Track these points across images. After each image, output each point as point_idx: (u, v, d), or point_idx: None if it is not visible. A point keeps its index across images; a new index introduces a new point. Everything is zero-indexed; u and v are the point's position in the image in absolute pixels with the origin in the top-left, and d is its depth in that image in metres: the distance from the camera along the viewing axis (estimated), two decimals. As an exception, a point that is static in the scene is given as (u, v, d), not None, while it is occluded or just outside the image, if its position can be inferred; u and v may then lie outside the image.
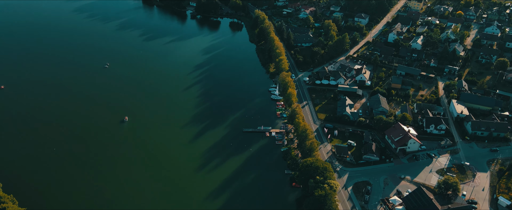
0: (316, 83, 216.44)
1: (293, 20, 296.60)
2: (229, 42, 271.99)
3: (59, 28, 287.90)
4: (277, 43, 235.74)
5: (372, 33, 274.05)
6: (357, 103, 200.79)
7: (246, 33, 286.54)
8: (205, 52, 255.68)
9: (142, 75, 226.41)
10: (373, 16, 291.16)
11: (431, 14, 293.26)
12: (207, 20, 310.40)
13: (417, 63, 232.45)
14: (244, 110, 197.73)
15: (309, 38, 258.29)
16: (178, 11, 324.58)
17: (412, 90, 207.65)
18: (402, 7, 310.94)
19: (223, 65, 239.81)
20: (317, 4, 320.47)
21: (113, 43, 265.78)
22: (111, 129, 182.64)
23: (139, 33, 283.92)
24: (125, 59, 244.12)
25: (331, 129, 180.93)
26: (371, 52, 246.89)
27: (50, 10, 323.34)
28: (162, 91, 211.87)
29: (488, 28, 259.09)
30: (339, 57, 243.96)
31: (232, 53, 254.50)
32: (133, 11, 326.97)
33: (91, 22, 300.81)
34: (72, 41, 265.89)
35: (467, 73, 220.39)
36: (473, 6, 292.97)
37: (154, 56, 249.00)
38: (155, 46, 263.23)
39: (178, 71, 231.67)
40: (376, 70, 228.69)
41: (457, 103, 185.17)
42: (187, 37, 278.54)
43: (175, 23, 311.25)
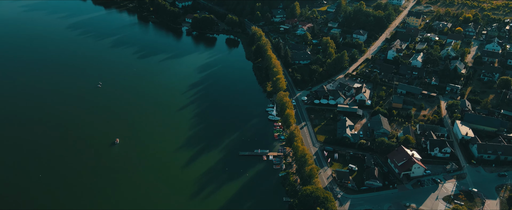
0: (314, 103, 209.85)
1: (291, 37, 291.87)
2: (225, 60, 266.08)
3: (51, 45, 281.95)
4: (274, 61, 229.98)
5: (371, 50, 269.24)
6: (358, 124, 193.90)
7: (243, 50, 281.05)
8: (200, 70, 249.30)
9: (135, 95, 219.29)
10: (372, 32, 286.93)
11: (430, 31, 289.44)
12: (203, 37, 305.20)
13: (417, 81, 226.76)
14: (241, 132, 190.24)
15: (307, 56, 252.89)
16: (174, 28, 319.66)
17: (414, 110, 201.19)
18: (400, 23, 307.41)
19: (219, 83, 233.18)
20: (315, 20, 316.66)
21: (107, 61, 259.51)
22: (101, 152, 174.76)
23: (134, 50, 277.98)
24: (119, 78, 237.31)
25: (331, 153, 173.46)
26: (371, 69, 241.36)
27: (42, 27, 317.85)
28: (155, 112, 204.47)
29: (488, 45, 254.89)
30: (338, 75, 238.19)
31: (228, 71, 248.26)
32: (128, 28, 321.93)
33: (85, 39, 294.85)
34: (64, 59, 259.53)
35: (470, 92, 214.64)
36: (472, 22, 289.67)
37: (148, 75, 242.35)
38: (150, 64, 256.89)
39: (173, 90, 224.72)
40: (376, 88, 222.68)
41: (461, 124, 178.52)
42: (182, 54, 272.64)
43: (170, 39, 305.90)
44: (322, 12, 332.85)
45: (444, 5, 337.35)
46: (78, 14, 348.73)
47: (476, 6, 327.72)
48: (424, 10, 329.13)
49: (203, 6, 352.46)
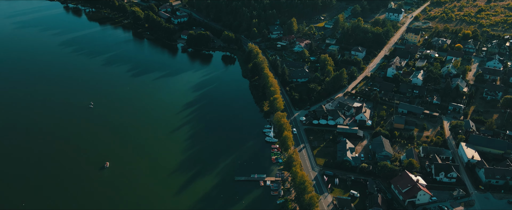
0: (313, 123, 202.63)
1: (288, 54, 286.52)
2: (221, 78, 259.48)
3: (42, 63, 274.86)
4: (271, 80, 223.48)
5: (370, 67, 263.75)
6: (358, 145, 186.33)
7: (239, 68, 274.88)
8: (195, 89, 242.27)
9: (127, 115, 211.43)
10: (370, 49, 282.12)
11: (429, 47, 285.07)
12: (199, 54, 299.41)
13: (419, 100, 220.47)
14: (237, 155, 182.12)
15: (305, 73, 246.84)
16: (169, 44, 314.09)
17: (416, 131, 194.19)
18: (399, 39, 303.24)
19: (214, 103, 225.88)
20: (312, 36, 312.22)
21: (100, 79, 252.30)
22: (90, 177, 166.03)
23: (127, 68, 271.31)
24: (111, 97, 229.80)
25: (332, 177, 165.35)
26: (370, 88, 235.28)
27: (34, 44, 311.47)
28: (148, 134, 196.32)
29: (489, 62, 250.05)
30: (337, 93, 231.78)
31: (224, 90, 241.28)
32: (122, 44, 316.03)
33: (78, 57, 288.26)
34: (55, 78, 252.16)
35: (473, 111, 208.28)
36: (472, 39, 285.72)
37: (142, 94, 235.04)
38: (143, 82, 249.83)
39: (166, 110, 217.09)
40: (377, 107, 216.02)
41: (466, 146, 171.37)
42: (177, 72, 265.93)
43: (165, 56, 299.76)
44: (319, 28, 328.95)
45: (442, 21, 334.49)
46: (72, 30, 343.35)
47: (475, 22, 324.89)
48: (423, 26, 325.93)
49: (199, 22, 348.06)
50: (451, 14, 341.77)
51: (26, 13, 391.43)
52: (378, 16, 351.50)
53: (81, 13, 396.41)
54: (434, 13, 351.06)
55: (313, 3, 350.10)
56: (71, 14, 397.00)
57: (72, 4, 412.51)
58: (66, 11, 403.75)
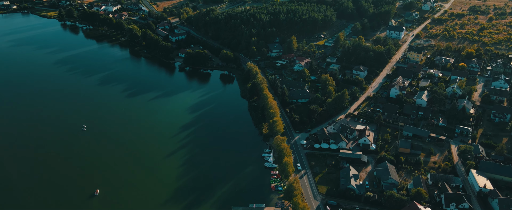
0: (314, 147, 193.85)
1: (288, 73, 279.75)
2: (219, 98, 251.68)
3: (35, 83, 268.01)
4: (270, 101, 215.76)
5: (372, 86, 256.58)
6: (362, 172, 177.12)
7: (238, 87, 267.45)
8: (192, 110, 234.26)
9: (121, 139, 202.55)
10: (372, 68, 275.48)
11: (433, 66, 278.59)
12: (197, 73, 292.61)
13: (424, 122, 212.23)
14: (234, 182, 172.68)
15: (305, 94, 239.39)
16: (166, 63, 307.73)
17: (423, 155, 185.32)
18: (401, 58, 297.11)
19: (211, 125, 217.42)
20: (312, 55, 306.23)
21: (94, 100, 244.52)
22: (78, 205, 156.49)
23: (123, 87, 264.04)
24: (105, 119, 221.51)
25: (335, 207, 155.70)
26: (373, 109, 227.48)
27: (28, 62, 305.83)
28: (141, 159, 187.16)
29: (495, 82, 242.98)
30: (339, 115, 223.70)
31: (222, 111, 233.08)
32: (119, 63, 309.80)
33: (72, 76, 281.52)
34: (48, 99, 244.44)
35: (481, 134, 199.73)
36: (476, 58, 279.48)
37: (137, 115, 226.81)
38: (139, 103, 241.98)
39: (162, 133, 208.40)
40: (380, 130, 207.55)
41: (477, 173, 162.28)
42: (174, 92, 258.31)
43: (162, 75, 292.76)
44: (319, 46, 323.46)
45: (444, 39, 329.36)
46: (68, 48, 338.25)
47: (477, 40, 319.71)
48: (424, 44, 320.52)
49: (197, 40, 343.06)
50: (453, 32, 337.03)
51: (23, 30, 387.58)
52: (379, 34, 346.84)
53: (78, 30, 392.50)
54: (435, 31, 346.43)
55: (313, 21, 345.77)
56: (68, 31, 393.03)
57: (70, 22, 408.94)
58: (64, 28, 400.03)
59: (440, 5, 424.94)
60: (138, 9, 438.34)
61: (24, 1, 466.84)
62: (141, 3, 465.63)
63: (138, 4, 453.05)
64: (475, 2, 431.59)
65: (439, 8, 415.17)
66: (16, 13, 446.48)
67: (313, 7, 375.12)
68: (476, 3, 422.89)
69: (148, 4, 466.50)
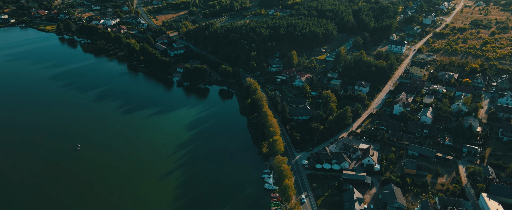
0: (316, 168, 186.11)
1: (288, 88, 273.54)
2: (218, 115, 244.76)
3: (29, 98, 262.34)
4: (270, 119, 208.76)
5: (375, 103, 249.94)
6: (367, 194, 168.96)
7: (237, 103, 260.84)
8: (190, 127, 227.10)
9: (115, 159, 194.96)
10: (374, 83, 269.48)
11: (436, 82, 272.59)
12: (195, 88, 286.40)
13: (429, 141, 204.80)
14: (233, 205, 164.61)
15: (306, 111, 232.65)
16: (164, 78, 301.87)
17: (429, 177, 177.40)
18: (403, 73, 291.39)
19: (209, 143, 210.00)
20: (313, 70, 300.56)
21: (89, 117, 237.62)
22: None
23: (119, 103, 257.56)
24: (100, 137, 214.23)
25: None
26: (376, 126, 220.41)
27: (23, 77, 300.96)
28: (136, 180, 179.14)
29: (501, 99, 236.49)
30: (341, 133, 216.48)
31: (220, 129, 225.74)
32: (116, 78, 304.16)
33: (68, 91, 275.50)
34: (41, 116, 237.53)
35: (489, 154, 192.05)
36: (480, 73, 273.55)
37: (133, 133, 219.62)
38: (135, 120, 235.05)
39: (158, 153, 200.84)
40: (385, 149, 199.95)
41: (488, 197, 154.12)
42: (171, 108, 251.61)
43: (160, 91, 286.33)
44: (320, 61, 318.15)
45: (447, 53, 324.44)
46: (65, 63, 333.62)
47: (481, 55, 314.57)
48: (427, 59, 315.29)
49: (196, 54, 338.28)
50: (455, 46, 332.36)
51: (20, 44, 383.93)
52: (380, 48, 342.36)
53: (76, 44, 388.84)
54: (437, 45, 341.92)
55: (314, 35, 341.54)
56: (66, 45, 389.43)
57: (68, 36, 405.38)
58: (61, 42, 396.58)
59: (441, 19, 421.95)
60: (137, 23, 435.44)
61: (22, 15, 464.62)
62: (140, 17, 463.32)
63: (137, 18, 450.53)
64: (476, 16, 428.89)
65: (441, 22, 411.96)
66: (14, 27, 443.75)
67: (314, 21, 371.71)
68: (478, 17, 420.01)
69: (147, 18, 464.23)
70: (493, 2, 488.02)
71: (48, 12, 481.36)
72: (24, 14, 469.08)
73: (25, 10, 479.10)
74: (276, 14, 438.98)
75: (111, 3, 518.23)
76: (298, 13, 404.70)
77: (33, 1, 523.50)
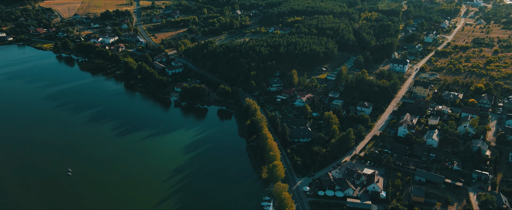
0: (319, 195, 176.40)
1: (288, 109, 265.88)
2: (216, 137, 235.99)
3: (21, 119, 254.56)
4: (270, 142, 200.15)
5: (378, 124, 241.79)
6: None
7: (235, 124, 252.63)
8: (186, 150, 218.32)
9: (107, 186, 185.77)
10: (377, 104, 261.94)
11: (441, 102, 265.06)
12: (193, 108, 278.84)
13: (437, 166, 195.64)
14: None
15: (308, 133, 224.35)
16: (162, 98, 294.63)
17: (439, 205, 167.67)
18: (406, 92, 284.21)
19: (207, 168, 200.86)
20: (314, 89, 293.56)
21: (82, 139, 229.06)
22: None
23: (114, 124, 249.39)
24: (92, 161, 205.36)
25: None
26: (381, 150, 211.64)
27: (17, 97, 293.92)
28: (130, 207, 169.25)
29: (509, 121, 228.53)
30: (344, 156, 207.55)
31: (218, 152, 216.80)
32: (112, 97, 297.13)
33: (62, 112, 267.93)
34: (33, 138, 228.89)
35: (501, 180, 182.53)
36: (486, 93, 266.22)
37: (127, 157, 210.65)
38: (130, 142, 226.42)
39: (152, 177, 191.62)
40: (390, 174, 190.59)
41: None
42: (167, 130, 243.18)
43: (156, 111, 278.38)
44: (321, 80, 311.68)
45: (450, 72, 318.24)
46: (61, 82, 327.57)
47: (485, 74, 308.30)
48: (430, 78, 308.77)
49: (194, 73, 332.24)
50: (458, 65, 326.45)
51: (16, 62, 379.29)
52: (382, 66, 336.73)
53: (74, 62, 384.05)
54: (440, 64, 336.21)
55: (314, 54, 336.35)
56: (63, 63, 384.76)
57: (65, 54, 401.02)
58: (59, 60, 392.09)
59: (443, 37, 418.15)
60: (136, 40, 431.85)
61: (20, 33, 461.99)
62: (139, 35, 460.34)
63: (136, 36, 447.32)
64: (478, 34, 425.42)
65: (442, 40, 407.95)
66: (12, 45, 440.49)
67: (314, 39, 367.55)
68: (479, 35, 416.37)
69: (146, 35, 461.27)
70: (493, 20, 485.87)
71: (47, 30, 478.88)
72: (22, 32, 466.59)
73: (23, 28, 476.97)
74: (276, 32, 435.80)
75: (110, 21, 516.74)
76: (298, 31, 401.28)
77: (32, 19, 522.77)
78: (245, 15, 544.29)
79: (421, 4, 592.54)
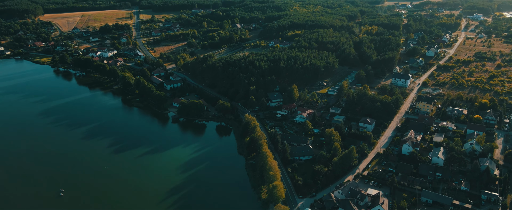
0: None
1: (289, 125, 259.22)
2: (214, 154, 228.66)
3: (13, 136, 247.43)
4: (270, 161, 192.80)
5: (381, 141, 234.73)
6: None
7: (234, 141, 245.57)
8: (183, 169, 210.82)
9: (101, 205, 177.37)
10: (380, 120, 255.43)
11: (445, 118, 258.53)
12: (191, 124, 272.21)
13: (444, 186, 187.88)
14: None
15: (309, 150, 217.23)
16: (159, 113, 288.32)
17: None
18: (409, 108, 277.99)
19: (204, 187, 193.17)
20: (315, 104, 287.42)
21: (76, 157, 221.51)
22: None
23: (110, 141, 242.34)
24: (86, 181, 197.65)
25: None
26: (384, 168, 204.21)
27: (12, 112, 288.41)
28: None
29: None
30: (347, 175, 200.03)
31: (216, 171, 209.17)
32: (109, 113, 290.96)
33: (56, 128, 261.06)
34: (24, 157, 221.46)
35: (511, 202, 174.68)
36: (491, 109, 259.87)
37: (122, 176, 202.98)
38: (125, 160, 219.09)
39: (147, 199, 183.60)
40: (395, 195, 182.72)
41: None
42: (165, 147, 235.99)
43: (154, 127, 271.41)
44: (322, 95, 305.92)
45: (453, 87, 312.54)
46: (58, 96, 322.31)
47: (489, 89, 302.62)
48: (433, 93, 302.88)
49: (193, 88, 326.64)
50: (461, 80, 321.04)
51: (13, 77, 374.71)
52: (384, 81, 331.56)
53: (71, 77, 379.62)
54: (443, 78, 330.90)
55: (315, 68, 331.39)
56: (61, 78, 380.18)
57: (63, 68, 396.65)
58: (56, 74, 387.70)
59: (444, 51, 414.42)
60: (135, 54, 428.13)
61: (19, 47, 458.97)
62: (138, 48, 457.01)
63: (135, 49, 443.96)
64: (479, 48, 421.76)
65: (444, 54, 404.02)
66: (10, 59, 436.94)
67: (315, 53, 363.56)
68: (481, 49, 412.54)
69: (145, 49, 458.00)
70: (495, 34, 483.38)
71: (45, 44, 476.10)
72: (21, 46, 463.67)
73: (22, 42, 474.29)
74: (276, 46, 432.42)
75: (109, 35, 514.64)
76: (298, 45, 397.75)
77: (31, 33, 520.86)
78: (245, 29, 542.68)
79: (421, 17, 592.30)
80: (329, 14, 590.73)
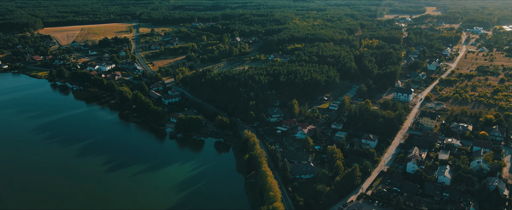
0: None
1: (289, 141, 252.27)
2: (212, 172, 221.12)
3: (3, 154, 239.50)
4: (270, 181, 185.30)
5: (385, 158, 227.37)
6: None
7: (233, 158, 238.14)
8: (180, 188, 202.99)
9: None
10: (382, 136, 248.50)
11: (449, 134, 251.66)
12: (189, 140, 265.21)
13: (451, 207, 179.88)
14: None
15: (310, 169, 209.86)
16: (157, 129, 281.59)
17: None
18: (412, 123, 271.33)
19: (201, 207, 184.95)
20: (316, 120, 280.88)
21: (68, 176, 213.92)
22: None
23: (105, 159, 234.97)
24: (79, 201, 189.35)
25: None
26: (389, 188, 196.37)
27: (5, 127, 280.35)
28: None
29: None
30: (350, 195, 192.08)
31: (214, 190, 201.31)
32: (105, 128, 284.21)
33: (50, 145, 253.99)
34: (13, 177, 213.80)
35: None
36: (496, 125, 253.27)
37: (116, 196, 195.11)
38: (120, 179, 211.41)
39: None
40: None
41: None
42: (161, 165, 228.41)
43: (151, 144, 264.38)
44: (323, 110, 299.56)
45: (456, 102, 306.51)
46: (54, 111, 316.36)
47: (493, 104, 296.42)
48: (436, 108, 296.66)
49: (191, 103, 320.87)
50: (465, 94, 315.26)
51: (9, 91, 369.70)
52: (386, 96, 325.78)
53: (68, 91, 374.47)
54: (445, 93, 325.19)
55: (315, 82, 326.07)
56: (58, 92, 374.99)
57: (60, 82, 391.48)
58: (53, 89, 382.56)
59: (446, 65, 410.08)
60: (133, 68, 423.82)
61: (16, 61, 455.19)
62: (137, 62, 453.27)
63: (134, 63, 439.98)
64: (481, 62, 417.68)
65: (445, 68, 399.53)
66: (7, 73, 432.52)
67: (315, 67, 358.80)
68: (483, 63, 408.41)
69: (143, 63, 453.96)
70: (496, 48, 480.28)
71: (43, 57, 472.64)
72: (18, 60, 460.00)
73: (19, 56, 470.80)
74: (276, 59, 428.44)
75: (108, 48, 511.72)
76: (298, 59, 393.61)
77: (30, 47, 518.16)
78: (244, 42, 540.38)
79: (421, 31, 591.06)
80: (329, 27, 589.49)
